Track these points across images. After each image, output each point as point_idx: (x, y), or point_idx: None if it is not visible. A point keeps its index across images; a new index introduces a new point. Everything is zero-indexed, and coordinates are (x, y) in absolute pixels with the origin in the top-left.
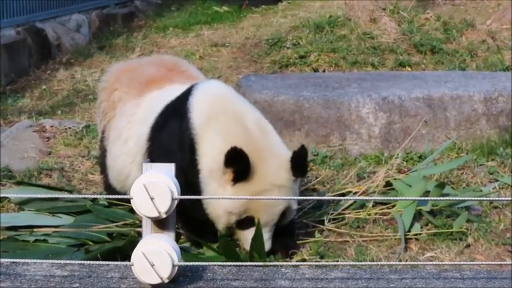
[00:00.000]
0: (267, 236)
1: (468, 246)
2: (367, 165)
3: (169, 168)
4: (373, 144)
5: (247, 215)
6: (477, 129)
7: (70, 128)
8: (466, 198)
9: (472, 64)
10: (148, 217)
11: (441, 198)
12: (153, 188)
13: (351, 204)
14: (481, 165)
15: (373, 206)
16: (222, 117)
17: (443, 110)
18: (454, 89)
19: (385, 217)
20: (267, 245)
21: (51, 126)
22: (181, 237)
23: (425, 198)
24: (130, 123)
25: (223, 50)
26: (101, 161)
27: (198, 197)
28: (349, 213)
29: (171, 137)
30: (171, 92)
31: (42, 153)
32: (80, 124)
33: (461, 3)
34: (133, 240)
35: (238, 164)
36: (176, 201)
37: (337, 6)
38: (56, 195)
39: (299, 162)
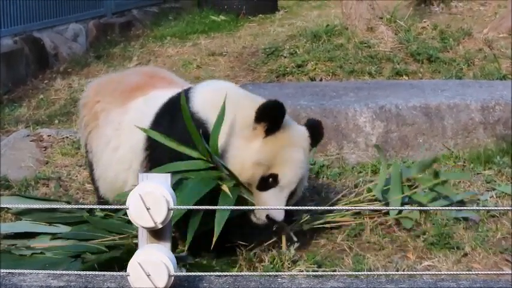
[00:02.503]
0: (282, 202)
1: (465, 255)
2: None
3: (165, 178)
4: (370, 153)
5: (272, 172)
6: (474, 138)
7: (67, 137)
8: (463, 208)
9: (469, 73)
10: (144, 227)
11: (438, 207)
12: (149, 198)
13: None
14: (478, 173)
15: (370, 215)
16: (229, 99)
17: (440, 119)
18: (451, 98)
19: (382, 226)
20: (281, 215)
21: (48, 136)
22: (179, 246)
23: (421, 208)
24: (119, 131)
25: (221, 59)
26: (90, 174)
27: (194, 206)
28: (346, 222)
29: (176, 130)
30: (162, 95)
31: (39, 162)
32: (77, 133)
33: (458, 12)
34: (131, 251)
35: (275, 114)
36: (172, 212)
37: (334, 15)
38: (53, 206)
39: (315, 130)
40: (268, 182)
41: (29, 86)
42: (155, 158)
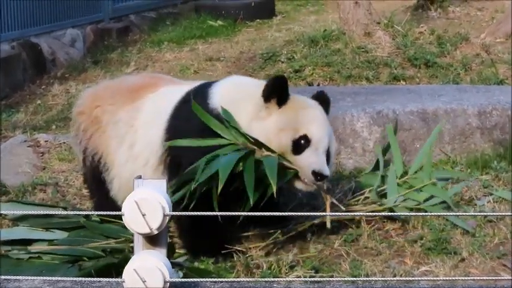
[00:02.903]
0: (322, 158)
1: (463, 260)
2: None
3: (161, 184)
4: (367, 158)
5: (301, 134)
6: (471, 143)
7: (64, 142)
8: (461, 214)
9: (466, 78)
10: (140, 233)
11: (436, 213)
12: (145, 205)
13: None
14: (475, 178)
15: (367, 220)
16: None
17: (438, 124)
18: (448, 103)
19: (379, 231)
20: (326, 169)
21: (45, 141)
22: (176, 251)
23: (419, 214)
24: (133, 127)
25: (218, 64)
26: (92, 180)
27: (188, 213)
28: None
29: (196, 122)
30: (177, 89)
31: (36, 168)
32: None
33: (455, 17)
34: (128, 257)
35: (278, 86)
36: (168, 218)
37: (332, 20)
38: (49, 212)
39: (321, 97)
40: (300, 144)
41: (26, 92)
42: (176, 152)
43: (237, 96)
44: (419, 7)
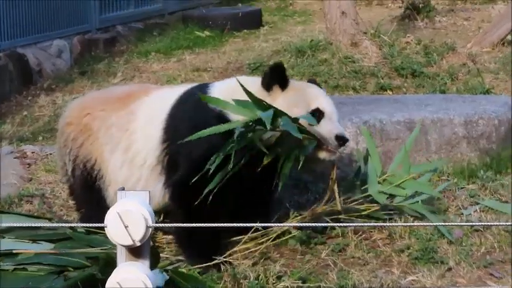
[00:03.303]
0: (338, 124)
1: (450, 269)
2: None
3: (144, 196)
4: (354, 167)
5: (314, 107)
6: (458, 152)
7: (51, 154)
8: (448, 224)
9: (452, 87)
10: (122, 245)
11: (421, 223)
12: (127, 217)
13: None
14: (461, 188)
15: (354, 232)
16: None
17: (424, 134)
18: (434, 113)
19: (367, 241)
20: (347, 135)
21: (32, 152)
22: (160, 260)
23: (405, 224)
24: (128, 131)
25: (205, 75)
26: (83, 189)
27: (170, 224)
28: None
29: (195, 118)
30: (173, 91)
31: (23, 179)
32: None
33: (441, 26)
34: (111, 261)
35: (277, 72)
36: (151, 229)
37: (319, 30)
38: (34, 224)
39: (316, 83)
40: (316, 116)
41: (13, 103)
42: (174, 150)
43: (236, 92)
44: (405, 17)
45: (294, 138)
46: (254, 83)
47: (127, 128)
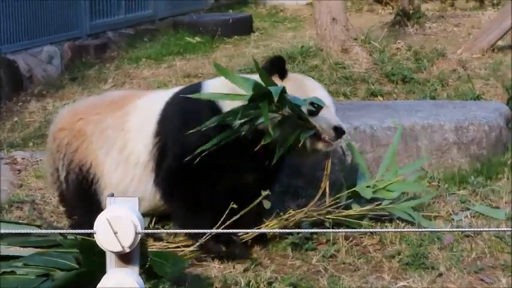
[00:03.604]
0: (335, 115)
1: (440, 275)
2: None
3: (133, 202)
4: (345, 174)
5: (309, 97)
6: (448, 158)
7: (41, 160)
8: (438, 230)
9: (443, 93)
10: (112, 252)
11: (411, 229)
12: (117, 223)
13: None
14: (452, 194)
15: (345, 237)
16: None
17: (415, 139)
18: (425, 118)
19: (357, 247)
20: (344, 126)
21: (22, 159)
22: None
23: (397, 230)
24: (124, 130)
25: (196, 81)
26: (77, 195)
27: (159, 230)
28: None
29: (188, 115)
30: (166, 92)
31: (13, 185)
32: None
33: (432, 33)
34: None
35: (279, 61)
36: (140, 236)
37: (309, 36)
38: (23, 231)
39: None
40: (315, 106)
41: (3, 109)
42: (165, 142)
43: (229, 86)
44: (396, 23)
45: (295, 122)
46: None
47: (122, 128)
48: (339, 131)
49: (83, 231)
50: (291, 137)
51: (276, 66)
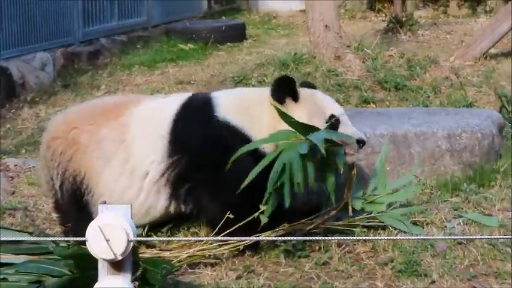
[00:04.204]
0: (352, 128)
1: (433, 282)
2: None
3: (125, 209)
4: (337, 181)
5: (329, 114)
6: (441, 166)
7: (34, 167)
8: (431, 237)
9: (435, 100)
10: (104, 259)
11: (404, 237)
12: (109, 230)
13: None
14: (445, 201)
15: (338, 245)
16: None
17: (407, 147)
18: (417, 126)
19: (350, 254)
20: (364, 137)
21: (15, 166)
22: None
23: (389, 238)
24: (125, 142)
25: (189, 88)
26: (71, 204)
27: (150, 238)
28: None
29: (205, 129)
30: (166, 103)
31: (6, 192)
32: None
33: (424, 40)
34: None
35: (290, 82)
36: (132, 243)
37: (302, 43)
38: (15, 238)
39: (311, 85)
40: (333, 122)
41: None
42: (186, 164)
43: (244, 105)
44: (389, 30)
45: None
46: (262, 96)
47: (123, 139)
48: (361, 142)
49: (75, 238)
50: (332, 164)
51: (287, 87)
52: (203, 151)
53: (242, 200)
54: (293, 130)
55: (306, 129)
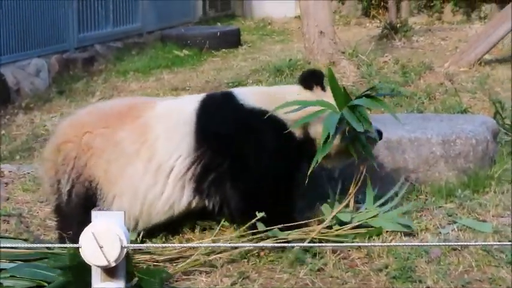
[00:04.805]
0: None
1: None
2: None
3: (119, 216)
4: (332, 186)
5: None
6: (435, 172)
7: (29, 173)
8: (425, 244)
9: (430, 106)
10: (97, 266)
11: (399, 243)
12: (102, 237)
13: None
14: (439, 207)
15: (333, 251)
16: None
17: (402, 153)
18: (412, 132)
19: (345, 260)
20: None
21: (9, 172)
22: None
23: (384, 244)
24: (148, 142)
25: (184, 94)
26: (80, 209)
27: (145, 245)
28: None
29: (231, 121)
30: (183, 101)
31: (0, 199)
32: (38, 169)
33: (419, 46)
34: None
35: (321, 74)
36: (126, 250)
37: (297, 49)
38: (10, 245)
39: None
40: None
41: None
42: (213, 155)
43: (270, 94)
44: (383, 37)
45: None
46: (285, 89)
47: (145, 139)
48: (380, 133)
49: (68, 245)
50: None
51: (316, 77)
52: (234, 139)
53: (269, 188)
54: (322, 108)
55: (346, 97)
